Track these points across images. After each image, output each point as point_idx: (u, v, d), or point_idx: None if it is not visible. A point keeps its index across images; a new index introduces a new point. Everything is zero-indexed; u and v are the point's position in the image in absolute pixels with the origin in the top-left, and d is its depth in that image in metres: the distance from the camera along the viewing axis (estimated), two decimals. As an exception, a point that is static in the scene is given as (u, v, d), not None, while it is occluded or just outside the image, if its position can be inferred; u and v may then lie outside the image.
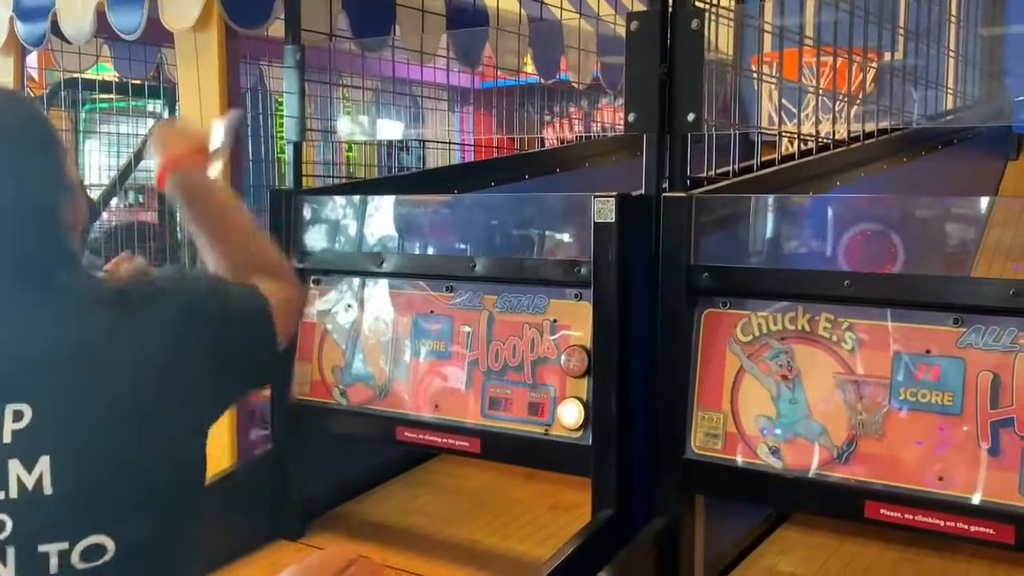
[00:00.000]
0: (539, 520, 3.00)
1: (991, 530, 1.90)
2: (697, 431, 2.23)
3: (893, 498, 1.98)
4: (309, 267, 2.89)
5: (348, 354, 2.83)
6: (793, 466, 2.11)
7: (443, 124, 4.39)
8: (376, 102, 3.84)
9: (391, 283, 2.77)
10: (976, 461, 1.92)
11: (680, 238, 2.25)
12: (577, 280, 2.41)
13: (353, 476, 3.22)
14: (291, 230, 2.89)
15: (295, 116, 2.97)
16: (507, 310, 2.56)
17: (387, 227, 2.84)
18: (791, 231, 2.34)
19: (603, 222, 2.33)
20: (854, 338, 2.06)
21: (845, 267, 2.16)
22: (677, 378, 2.25)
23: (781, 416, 2.13)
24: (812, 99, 3.33)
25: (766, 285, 2.21)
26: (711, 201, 2.30)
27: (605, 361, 2.36)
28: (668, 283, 2.27)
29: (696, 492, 2.30)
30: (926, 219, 2.25)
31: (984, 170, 4.46)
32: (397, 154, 4.69)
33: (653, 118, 2.32)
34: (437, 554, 2.77)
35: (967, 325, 1.95)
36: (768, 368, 2.16)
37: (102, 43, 4.46)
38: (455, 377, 2.63)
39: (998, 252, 2.72)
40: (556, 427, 2.43)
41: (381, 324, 2.79)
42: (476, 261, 2.59)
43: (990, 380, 1.91)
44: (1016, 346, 1.90)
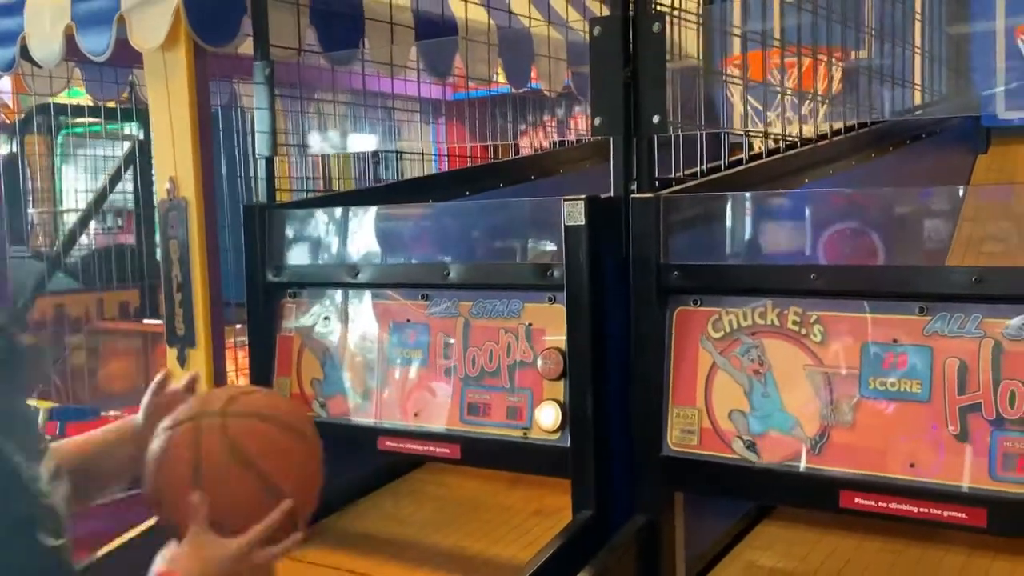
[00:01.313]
0: (523, 525, 3.01)
1: (964, 514, 1.92)
2: (673, 428, 2.25)
3: (867, 487, 2.01)
4: (285, 281, 2.90)
5: (326, 366, 2.84)
6: (768, 459, 2.13)
7: (418, 136, 4.41)
8: (349, 115, 3.85)
9: (367, 294, 2.79)
10: (946, 447, 1.94)
11: (649, 238, 2.28)
12: (550, 283, 2.44)
13: (336, 488, 3.21)
14: (265, 244, 2.91)
15: (266, 131, 2.98)
16: (483, 316, 2.58)
17: (361, 238, 2.86)
18: (759, 228, 2.37)
19: (573, 225, 2.35)
20: (822, 330, 2.09)
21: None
22: (651, 376, 2.27)
23: (754, 410, 2.15)
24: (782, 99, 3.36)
25: (735, 281, 2.24)
26: (678, 201, 2.33)
27: (580, 363, 2.38)
28: (639, 283, 2.30)
29: (674, 489, 2.32)
30: (901, 214, 2.28)
31: (954, 164, 4.50)
32: (373, 167, 4.71)
33: (619, 121, 2.34)
34: (423, 562, 2.77)
35: (933, 313, 1.98)
36: (740, 363, 2.18)
37: (73, 66, 4.46)
38: (434, 384, 2.65)
39: (971, 245, 2.76)
40: (534, 430, 2.45)
41: (358, 335, 2.80)
42: (450, 268, 2.62)
43: (957, 367, 1.94)
44: (981, 332, 1.93)
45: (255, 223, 2.91)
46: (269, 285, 2.92)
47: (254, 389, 2.03)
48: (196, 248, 3.02)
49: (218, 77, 3.91)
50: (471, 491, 3.31)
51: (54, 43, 3.33)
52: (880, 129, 3.74)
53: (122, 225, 6.66)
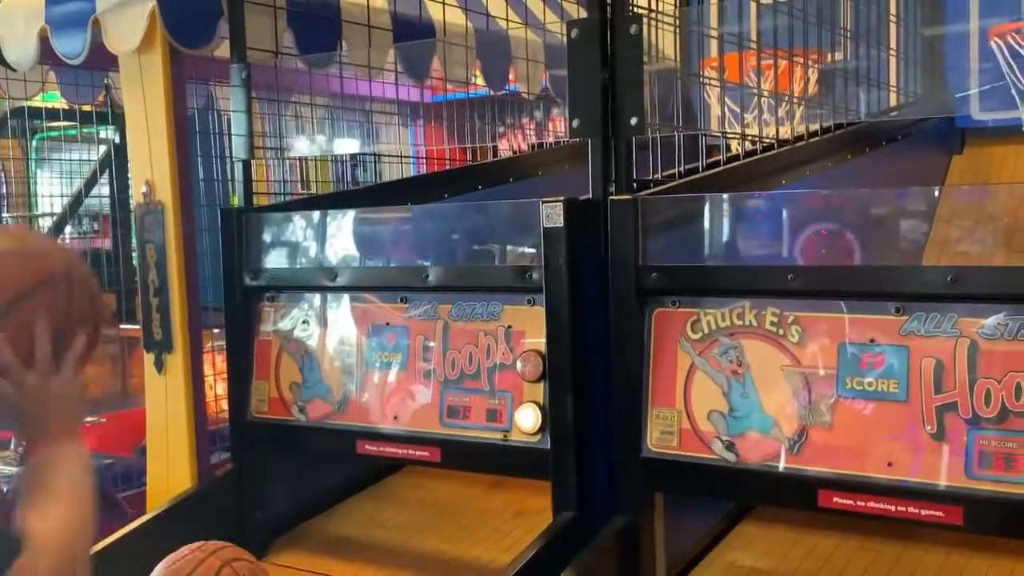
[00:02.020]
0: (503, 528, 3.01)
1: (940, 513, 1.94)
2: (652, 429, 2.25)
3: (845, 486, 2.02)
4: (263, 284, 2.89)
5: (305, 370, 2.83)
6: (747, 459, 2.14)
7: (396, 138, 4.40)
8: (327, 118, 3.84)
9: (346, 297, 2.78)
10: (923, 446, 1.96)
11: (627, 240, 2.28)
12: (529, 285, 2.44)
13: (316, 492, 3.21)
14: (242, 248, 2.89)
15: (243, 134, 2.97)
16: (462, 318, 2.58)
17: (339, 241, 2.85)
18: (736, 229, 2.38)
19: (552, 227, 2.35)
20: (800, 331, 2.10)
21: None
22: (631, 378, 2.28)
23: (733, 411, 2.16)
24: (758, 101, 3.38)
25: (713, 282, 2.25)
26: (656, 203, 2.34)
27: (560, 365, 2.38)
28: (618, 284, 2.30)
29: (655, 490, 2.33)
30: (877, 215, 2.30)
31: (929, 165, 4.54)
32: (351, 170, 4.69)
33: (596, 123, 2.35)
34: (403, 565, 2.77)
35: (909, 313, 1.99)
36: (719, 364, 2.19)
37: (47, 69, 4.42)
38: (413, 388, 2.64)
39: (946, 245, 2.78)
40: (515, 432, 2.45)
41: (337, 338, 2.79)
42: (429, 271, 2.61)
43: (933, 366, 1.96)
44: (957, 331, 1.94)
45: (232, 227, 2.89)
46: (247, 289, 2.91)
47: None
48: (173, 252, 3.00)
49: (195, 80, 3.89)
50: (451, 494, 3.30)
51: (28, 46, 3.29)
52: (856, 131, 3.76)
53: (98, 230, 6.61)
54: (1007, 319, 1.89)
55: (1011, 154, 4.39)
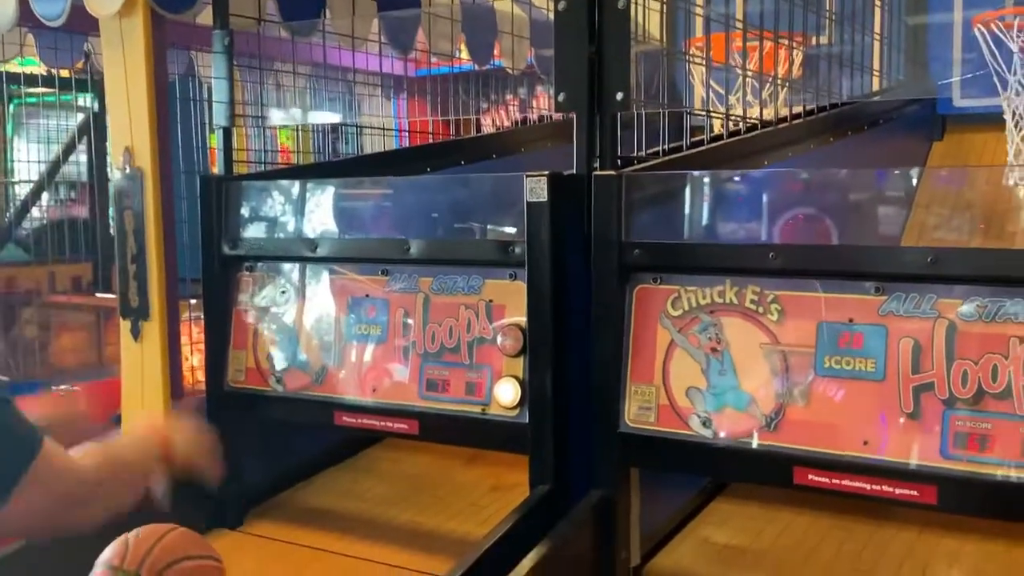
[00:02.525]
0: (480, 501, 3.02)
1: (915, 492, 1.95)
2: (631, 405, 2.26)
3: (820, 464, 2.03)
4: (241, 254, 2.87)
5: (283, 341, 2.81)
6: (724, 436, 2.15)
7: (379, 111, 4.37)
8: (309, 88, 3.81)
9: (325, 268, 2.76)
10: (899, 425, 1.97)
11: (610, 216, 2.28)
12: (511, 260, 2.43)
13: (293, 464, 3.20)
14: (221, 216, 2.87)
15: (224, 101, 2.94)
16: (443, 292, 2.57)
17: (320, 212, 2.84)
18: (719, 207, 2.38)
19: (536, 201, 2.35)
20: (780, 309, 2.11)
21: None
22: (610, 354, 2.28)
23: (711, 388, 2.17)
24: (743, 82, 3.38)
25: (695, 260, 2.25)
26: (640, 179, 2.33)
27: (540, 339, 2.38)
28: (600, 260, 2.30)
29: (631, 465, 2.33)
30: (856, 198, 2.31)
31: (910, 151, 4.56)
32: (332, 142, 4.66)
33: (582, 97, 2.34)
34: (378, 537, 2.77)
35: (888, 293, 2.00)
36: (698, 341, 2.20)
37: (26, 32, 4.36)
38: (392, 360, 2.63)
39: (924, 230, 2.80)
40: (493, 406, 2.45)
41: (316, 310, 2.78)
42: (411, 244, 2.60)
43: (911, 346, 1.97)
44: (936, 312, 1.95)
45: (211, 194, 2.87)
46: (225, 258, 2.89)
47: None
48: (151, 219, 2.97)
49: (176, 46, 3.84)
50: (428, 467, 3.31)
51: (7, 7, 3.25)
52: (839, 114, 3.77)
53: (75, 197, 6.55)
54: (986, 301, 1.91)
55: (991, 141, 4.42)
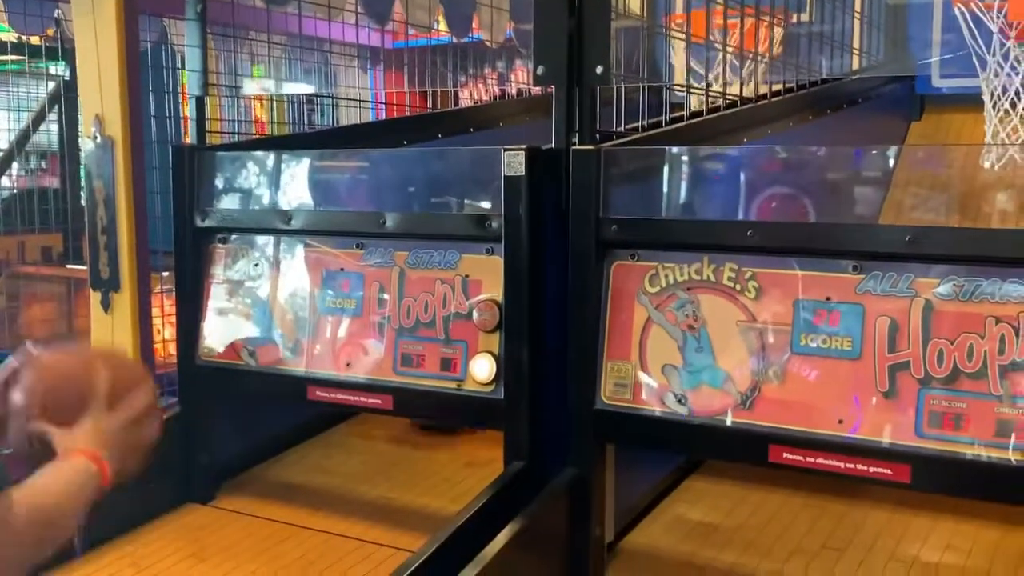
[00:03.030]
0: (453, 477, 3.01)
1: (889, 470, 1.95)
2: (607, 382, 2.25)
3: (795, 442, 2.03)
4: (214, 225, 2.83)
5: (256, 314, 2.78)
6: (699, 413, 2.14)
7: (355, 83, 4.31)
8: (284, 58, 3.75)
9: (300, 241, 2.73)
10: (874, 404, 1.97)
11: (588, 191, 2.26)
12: (488, 235, 2.41)
13: (265, 438, 3.18)
14: (194, 187, 2.82)
15: (197, 70, 2.89)
16: (418, 266, 2.54)
17: (295, 184, 2.79)
18: (698, 184, 2.36)
19: (513, 175, 2.32)
20: (757, 287, 2.10)
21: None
22: (587, 330, 2.27)
23: (687, 365, 2.16)
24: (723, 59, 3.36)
25: (673, 236, 2.24)
26: (619, 154, 2.31)
27: (516, 315, 2.36)
28: (577, 236, 2.28)
29: (606, 442, 2.33)
30: (834, 177, 2.29)
31: (888, 130, 4.56)
32: (307, 113, 4.60)
33: (562, 70, 2.31)
34: (350, 512, 2.76)
35: (866, 272, 2.00)
36: (675, 318, 2.18)
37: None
38: (366, 335, 2.61)
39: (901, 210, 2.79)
40: (468, 382, 2.43)
41: (290, 283, 2.74)
42: (386, 217, 2.57)
43: (887, 325, 1.96)
44: (912, 291, 1.95)
45: (184, 165, 2.82)
46: (198, 230, 2.84)
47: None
48: (122, 189, 2.91)
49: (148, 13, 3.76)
50: (401, 443, 3.29)
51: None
52: (818, 92, 3.76)
53: (46, 167, 6.44)
54: (963, 280, 1.90)
55: (969, 121, 4.42)
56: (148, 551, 2.57)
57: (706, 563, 2.41)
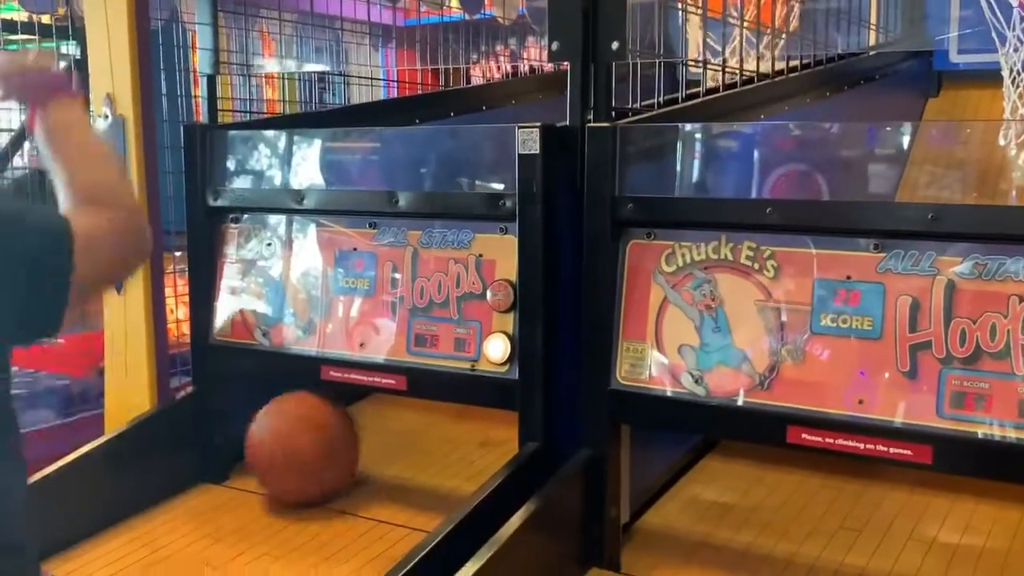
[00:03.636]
0: (468, 457, 3.00)
1: (909, 451, 1.93)
2: (622, 362, 2.23)
3: (814, 422, 2.01)
4: (226, 205, 2.81)
5: (269, 294, 2.76)
6: (716, 394, 2.12)
7: (367, 61, 4.28)
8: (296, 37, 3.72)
9: (312, 220, 2.71)
10: (895, 384, 1.94)
11: (604, 169, 2.23)
12: (502, 214, 2.38)
13: (278, 419, 3.16)
14: (206, 166, 2.80)
15: (209, 48, 2.86)
16: (432, 246, 2.52)
17: (307, 163, 2.77)
18: (715, 161, 2.33)
19: (527, 153, 2.29)
20: (776, 266, 2.07)
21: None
22: (602, 310, 2.24)
23: (704, 345, 2.14)
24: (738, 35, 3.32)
25: (690, 215, 2.21)
26: (635, 131, 2.28)
27: (531, 295, 2.34)
28: (592, 215, 2.25)
29: (621, 422, 2.31)
30: (849, 154, 2.26)
31: (905, 106, 4.51)
32: (319, 92, 4.57)
33: (577, 46, 2.28)
34: (364, 492, 2.75)
35: (887, 250, 1.97)
36: (692, 298, 2.16)
37: (5, -24, 4.24)
38: (380, 315, 2.59)
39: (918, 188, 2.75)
40: (483, 362, 2.41)
41: (303, 263, 2.73)
42: (399, 196, 2.54)
43: (909, 304, 1.94)
44: (934, 270, 1.92)
45: (196, 144, 2.80)
46: (210, 209, 2.83)
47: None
48: (134, 167, 2.89)
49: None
50: (416, 423, 3.28)
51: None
52: (835, 68, 3.72)
53: (58, 147, 6.42)
54: (985, 259, 1.87)
55: (987, 98, 4.37)
56: (162, 531, 2.57)
57: (722, 544, 2.39)
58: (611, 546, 2.30)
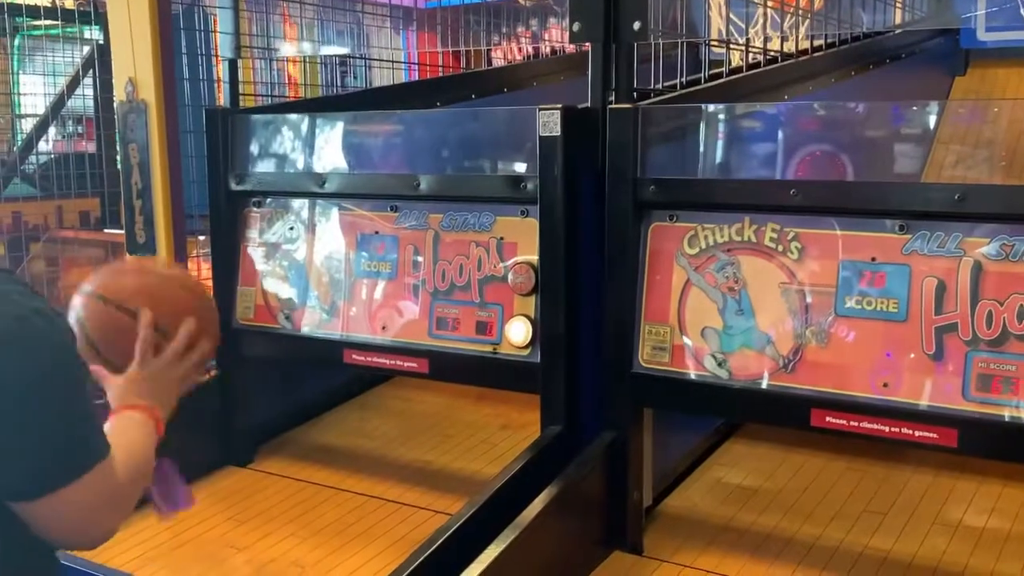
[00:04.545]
0: (490, 440, 3.00)
1: (935, 434, 1.91)
2: (644, 345, 2.22)
3: (838, 406, 1.99)
4: (248, 189, 2.81)
5: (291, 278, 2.77)
6: (739, 377, 2.11)
7: (388, 43, 4.28)
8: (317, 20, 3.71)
9: (334, 204, 2.71)
10: (920, 367, 1.93)
11: (626, 150, 2.21)
12: (523, 196, 2.37)
13: (302, 401, 3.19)
14: (228, 151, 2.81)
15: (230, 32, 2.86)
16: (453, 229, 2.52)
17: (328, 147, 2.77)
18: (738, 142, 2.31)
19: (548, 136, 2.28)
20: (800, 248, 2.05)
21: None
22: (624, 293, 2.23)
23: (727, 328, 2.12)
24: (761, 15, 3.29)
25: (712, 197, 2.19)
26: (657, 112, 2.26)
27: (552, 278, 2.33)
28: (614, 197, 2.24)
29: (644, 405, 2.30)
30: (875, 133, 2.23)
31: (932, 85, 4.46)
32: (340, 75, 4.57)
33: (598, 26, 2.26)
34: (388, 475, 2.76)
35: (912, 232, 1.94)
36: (715, 280, 2.14)
37: (28, -38, 4.26)
38: (402, 298, 2.59)
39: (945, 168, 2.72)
40: (504, 345, 2.41)
41: (325, 246, 2.73)
42: (420, 179, 2.54)
43: (935, 286, 1.92)
44: (960, 251, 1.90)
45: (218, 128, 2.80)
46: (232, 193, 2.83)
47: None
48: (156, 152, 2.91)
49: (180, -25, 3.75)
50: (437, 405, 3.29)
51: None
52: (860, 47, 3.67)
53: (82, 132, 6.47)
54: (1013, 239, 1.85)
55: (1014, 76, 4.31)
56: (187, 513, 2.55)
57: (746, 527, 2.38)
58: (633, 529, 2.30)
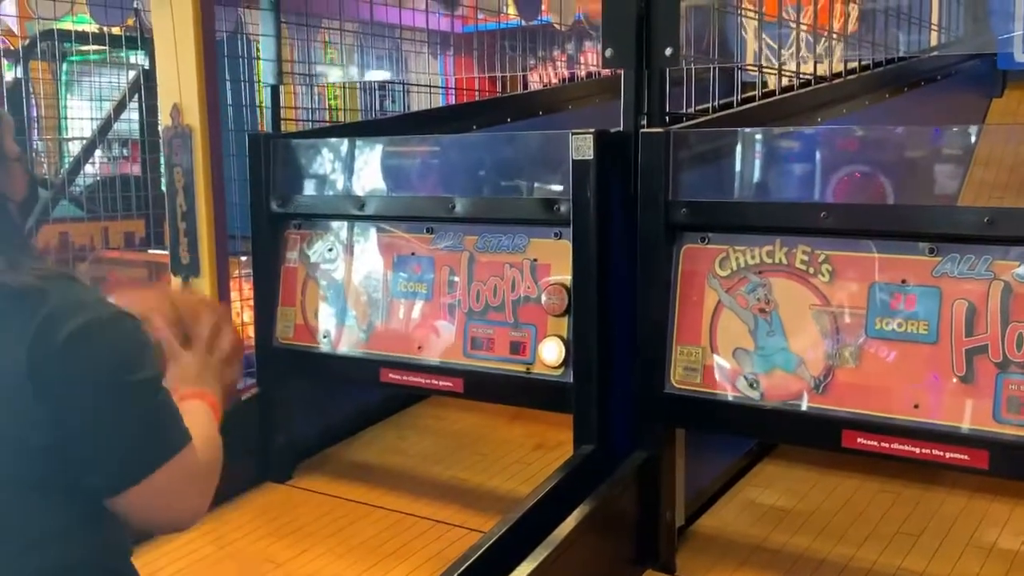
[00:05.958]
0: (524, 459, 3.03)
1: (966, 456, 1.92)
2: (676, 366, 2.24)
3: (869, 427, 2.01)
4: (290, 211, 2.88)
5: (330, 298, 2.83)
6: (771, 398, 2.13)
7: (425, 68, 4.35)
8: (357, 46, 3.79)
9: (372, 226, 2.77)
10: (951, 389, 1.94)
11: (658, 173, 2.25)
12: (557, 218, 2.41)
13: (339, 419, 3.24)
14: (270, 174, 2.88)
15: (272, 59, 2.94)
16: (487, 250, 2.56)
17: (367, 170, 2.83)
18: (769, 165, 2.34)
19: (581, 159, 2.32)
20: (831, 270, 2.07)
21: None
22: (656, 314, 2.26)
23: (759, 349, 2.15)
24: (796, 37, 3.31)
25: (744, 219, 2.22)
26: (689, 136, 2.30)
27: (585, 299, 2.37)
28: (646, 219, 2.27)
29: (676, 426, 2.32)
30: (912, 155, 2.25)
31: (968, 107, 4.44)
32: (379, 100, 4.64)
33: (630, 52, 2.30)
34: (423, 493, 2.80)
35: (943, 254, 1.96)
36: (746, 302, 2.17)
37: (77, -11, 4.38)
38: (437, 318, 2.64)
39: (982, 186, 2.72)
40: (538, 365, 2.45)
41: (363, 267, 2.79)
42: (456, 202, 2.59)
43: (965, 308, 1.93)
44: (991, 274, 1.91)
45: (260, 152, 2.88)
46: (274, 215, 2.90)
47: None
48: (200, 176, 2.99)
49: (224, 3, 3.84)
50: (472, 424, 3.33)
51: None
52: (895, 69, 3.68)
53: (127, 155, 6.61)
54: (1044, 263, 1.86)
55: (1054, 98, 4.29)
56: (228, 528, 2.64)
57: (779, 548, 2.39)
58: (666, 548, 2.32)
